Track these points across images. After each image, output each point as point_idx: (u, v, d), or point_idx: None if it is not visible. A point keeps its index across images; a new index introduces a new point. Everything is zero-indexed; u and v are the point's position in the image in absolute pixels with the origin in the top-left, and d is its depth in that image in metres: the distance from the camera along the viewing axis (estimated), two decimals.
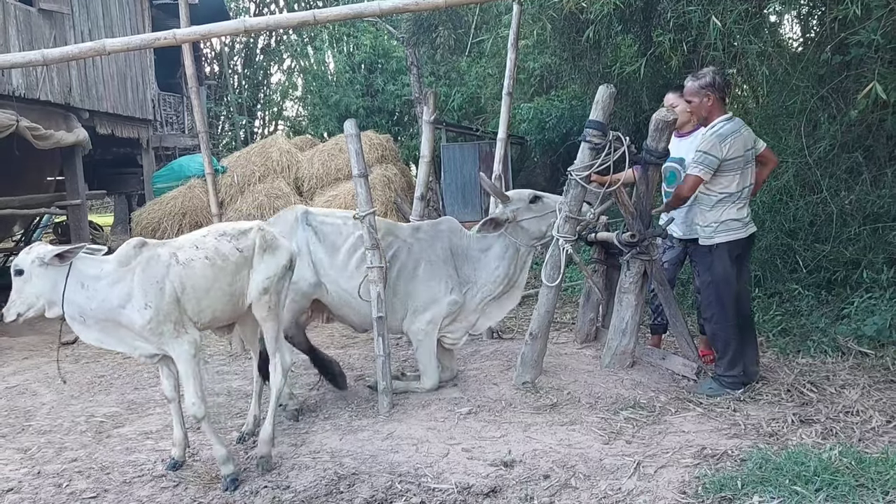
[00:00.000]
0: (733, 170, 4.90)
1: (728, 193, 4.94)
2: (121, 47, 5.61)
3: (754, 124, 8.06)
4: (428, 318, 5.33)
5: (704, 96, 4.96)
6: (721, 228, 4.99)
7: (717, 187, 4.95)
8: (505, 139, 6.99)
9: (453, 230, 5.54)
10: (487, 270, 5.38)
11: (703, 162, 4.87)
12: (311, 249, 5.24)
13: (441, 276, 5.35)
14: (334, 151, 10.88)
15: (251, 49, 25.67)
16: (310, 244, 5.24)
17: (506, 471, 3.96)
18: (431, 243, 5.43)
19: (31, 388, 6.36)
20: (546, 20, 7.63)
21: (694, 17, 6.39)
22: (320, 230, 5.30)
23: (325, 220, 5.36)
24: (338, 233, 5.29)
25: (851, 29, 6.06)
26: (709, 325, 5.26)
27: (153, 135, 15.25)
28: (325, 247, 5.26)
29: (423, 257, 5.37)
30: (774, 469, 3.61)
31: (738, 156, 4.88)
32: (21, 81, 10.59)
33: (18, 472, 4.37)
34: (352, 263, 5.22)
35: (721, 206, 4.97)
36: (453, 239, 5.48)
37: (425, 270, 5.35)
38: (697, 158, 4.91)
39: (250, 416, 4.84)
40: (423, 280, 5.34)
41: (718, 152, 4.84)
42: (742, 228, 5.01)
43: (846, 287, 6.45)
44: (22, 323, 4.10)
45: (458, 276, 5.40)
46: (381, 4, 5.76)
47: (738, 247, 5.04)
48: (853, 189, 6.78)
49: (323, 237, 5.28)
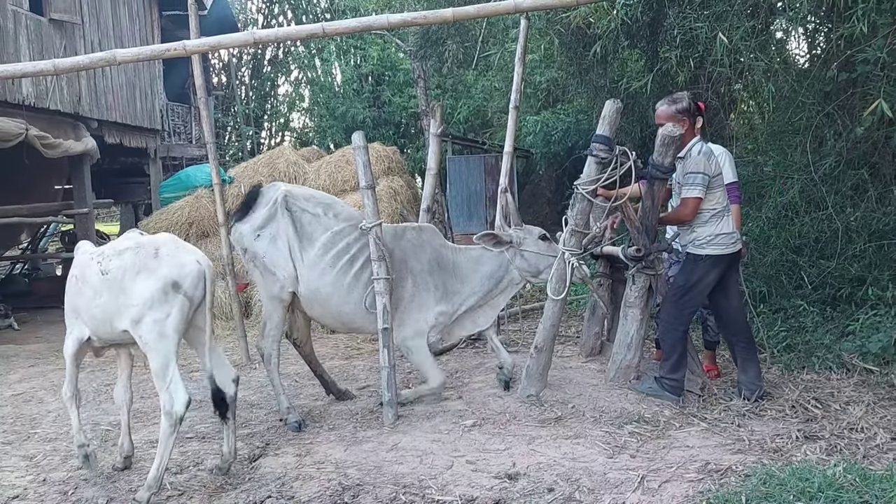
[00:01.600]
0: (719, 186, 5.07)
1: (717, 210, 5.07)
2: (131, 58, 5.67)
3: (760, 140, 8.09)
4: (415, 330, 5.33)
5: (680, 121, 5.04)
6: (713, 242, 5.08)
7: (707, 204, 5.06)
8: (511, 152, 7.01)
9: (436, 238, 5.59)
10: (472, 283, 5.44)
11: (697, 182, 4.98)
12: (287, 239, 5.12)
13: (429, 286, 5.37)
14: (341, 163, 10.91)
15: (259, 60, 25.78)
16: (288, 232, 5.12)
17: (510, 483, 3.96)
18: (416, 252, 5.40)
19: (37, 396, 6.39)
20: (553, 35, 7.68)
21: (701, 34, 6.43)
22: (298, 218, 5.16)
23: (306, 208, 5.19)
24: (317, 223, 5.17)
25: (858, 46, 6.09)
26: (661, 323, 5.39)
27: (161, 144, 15.33)
28: (301, 237, 5.13)
29: (408, 266, 5.35)
30: (779, 485, 3.61)
31: (720, 172, 5.08)
32: (31, 90, 10.67)
33: (24, 479, 4.39)
34: (326, 259, 5.10)
35: (714, 220, 5.07)
36: (438, 248, 5.50)
37: (412, 281, 5.34)
38: (691, 180, 5.01)
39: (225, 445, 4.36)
40: (409, 290, 5.33)
41: (707, 169, 4.98)
42: (732, 244, 5.11)
43: (851, 304, 6.45)
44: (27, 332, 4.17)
45: (445, 286, 5.42)
46: (389, 18, 5.82)
47: (724, 262, 5.11)
48: (859, 206, 6.78)
49: (300, 226, 5.14)
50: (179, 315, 3.97)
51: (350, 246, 5.17)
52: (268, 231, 5.14)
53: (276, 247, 5.12)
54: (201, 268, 4.04)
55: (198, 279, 4.01)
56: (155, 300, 3.93)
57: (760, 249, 7.20)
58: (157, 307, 3.94)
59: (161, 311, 3.94)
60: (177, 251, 4.09)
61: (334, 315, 5.25)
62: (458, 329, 5.63)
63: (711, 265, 5.09)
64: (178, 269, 3.99)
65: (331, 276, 5.11)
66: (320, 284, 5.12)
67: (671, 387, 5.15)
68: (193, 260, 4.04)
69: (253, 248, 5.17)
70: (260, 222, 5.16)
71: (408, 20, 5.98)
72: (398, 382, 5.31)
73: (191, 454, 4.64)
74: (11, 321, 10.73)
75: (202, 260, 4.09)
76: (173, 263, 4.00)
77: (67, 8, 11.77)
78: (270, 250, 5.12)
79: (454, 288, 5.43)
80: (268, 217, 5.16)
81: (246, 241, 5.19)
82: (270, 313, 5.25)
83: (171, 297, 3.95)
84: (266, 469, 4.32)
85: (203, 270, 4.05)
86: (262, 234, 5.14)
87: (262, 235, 5.13)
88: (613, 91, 8.49)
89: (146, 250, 4.05)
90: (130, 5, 14.04)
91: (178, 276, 3.96)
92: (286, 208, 5.15)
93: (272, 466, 4.36)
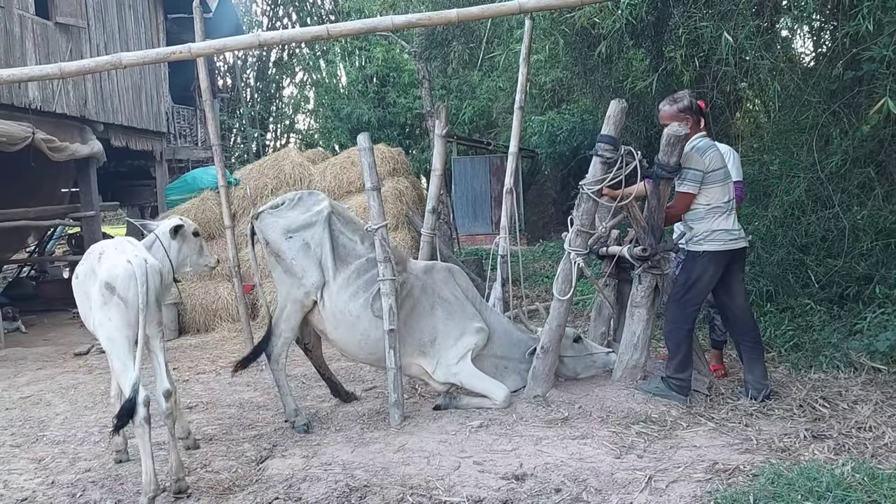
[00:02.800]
0: (717, 181, 5.03)
1: (714, 206, 5.05)
2: (137, 61, 5.67)
3: (766, 139, 8.07)
4: (457, 355, 5.29)
5: (683, 119, 5.04)
6: (710, 237, 5.07)
7: (702, 200, 5.06)
8: (516, 153, 7.01)
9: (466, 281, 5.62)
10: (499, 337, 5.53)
11: (689, 178, 5.00)
12: (322, 252, 5.15)
13: (458, 312, 5.39)
14: (346, 164, 10.92)
15: (264, 62, 25.85)
16: (323, 246, 5.15)
17: (517, 484, 3.96)
18: (447, 284, 5.47)
19: (46, 399, 6.41)
20: (558, 35, 7.68)
21: (706, 33, 6.42)
22: (336, 238, 5.21)
23: (344, 231, 5.26)
24: (352, 248, 5.23)
25: (863, 44, 6.07)
26: (666, 322, 5.38)
27: (166, 147, 15.38)
28: (336, 257, 5.17)
29: (439, 295, 5.40)
30: (787, 484, 3.60)
31: (719, 167, 5.04)
32: (37, 94, 10.72)
33: (33, 481, 4.41)
34: (359, 283, 5.15)
35: (711, 216, 5.06)
36: (463, 284, 5.55)
37: (443, 310, 5.37)
38: (684, 175, 5.02)
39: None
40: (441, 319, 5.34)
41: (701, 165, 4.98)
42: (731, 240, 5.08)
43: (859, 302, 6.43)
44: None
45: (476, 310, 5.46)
46: (394, 19, 5.81)
47: (724, 258, 5.09)
48: (865, 204, 6.76)
49: (337, 245, 5.20)
50: (118, 317, 3.98)
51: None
52: (301, 236, 5.13)
53: (308, 254, 5.12)
54: (131, 268, 3.99)
55: (128, 280, 3.97)
56: (99, 303, 4.00)
57: (767, 248, 7.19)
58: (101, 309, 4.01)
59: (104, 314, 4.01)
60: (114, 253, 4.09)
61: (360, 338, 5.18)
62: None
63: (709, 261, 5.07)
64: (110, 270, 4.01)
65: (362, 299, 5.13)
66: (352, 306, 5.12)
67: (678, 386, 5.15)
68: (124, 260, 4.02)
69: (279, 245, 5.14)
70: (296, 225, 5.15)
71: (412, 21, 5.98)
72: (404, 384, 5.31)
73: (198, 456, 4.65)
74: (19, 324, 10.77)
75: (134, 260, 4.03)
76: (107, 265, 4.03)
77: (73, 12, 11.81)
78: (301, 256, 5.11)
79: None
80: (305, 224, 5.15)
81: (273, 234, 5.15)
82: (288, 315, 5.21)
83: (107, 298, 3.98)
84: (273, 470, 4.33)
85: (132, 270, 3.98)
86: (295, 237, 5.13)
87: (294, 238, 5.13)
88: (618, 91, 8.49)
89: (94, 254, 4.15)
90: (136, 9, 14.09)
91: (110, 276, 3.99)
92: (328, 225, 5.18)
93: (279, 468, 4.37)
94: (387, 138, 19.28)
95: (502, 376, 5.46)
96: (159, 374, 4.13)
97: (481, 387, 5.26)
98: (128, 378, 3.94)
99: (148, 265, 4.06)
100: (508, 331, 5.62)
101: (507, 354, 5.53)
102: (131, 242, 4.31)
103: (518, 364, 5.53)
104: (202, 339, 8.98)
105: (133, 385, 3.90)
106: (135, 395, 3.88)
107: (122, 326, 3.97)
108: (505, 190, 6.86)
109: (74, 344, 9.09)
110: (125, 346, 3.98)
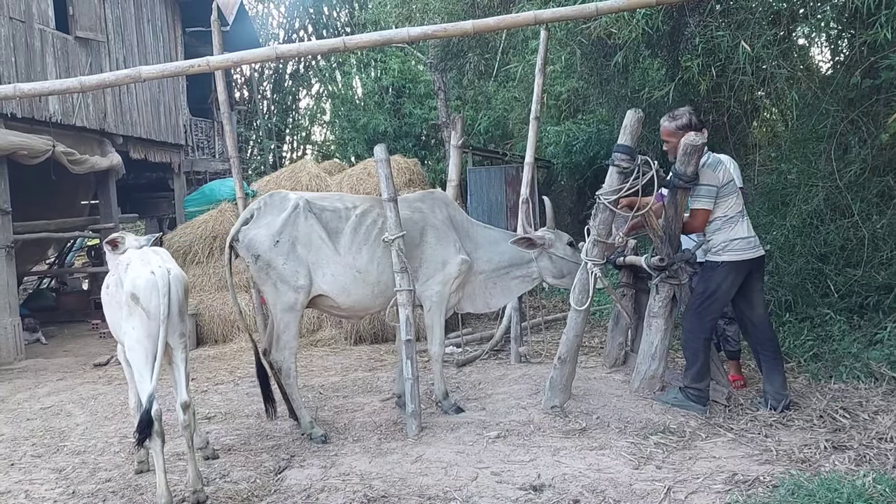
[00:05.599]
0: (729, 194, 5.08)
1: (729, 217, 5.07)
2: (156, 74, 5.73)
3: (784, 148, 8.03)
4: (441, 280, 5.44)
5: (681, 136, 5.04)
6: (729, 247, 5.07)
7: (719, 212, 5.08)
8: (532, 163, 7.01)
9: (448, 202, 5.74)
10: (487, 252, 5.64)
11: (703, 194, 5.03)
12: (311, 239, 5.17)
13: (448, 239, 5.48)
14: (363, 176, 10.95)
15: (280, 75, 26.00)
16: (312, 233, 5.17)
17: (535, 495, 3.95)
18: (431, 211, 5.55)
19: (66, 409, 6.46)
20: (574, 45, 7.67)
21: (722, 42, 6.41)
22: (322, 217, 5.25)
23: (326, 207, 5.31)
24: (337, 217, 5.27)
25: (881, 53, 6.04)
26: (683, 332, 5.36)
27: (185, 159, 15.51)
28: (330, 233, 5.21)
29: (426, 223, 5.47)
30: (807, 496, 3.57)
31: (730, 180, 5.10)
32: (57, 108, 10.85)
33: (54, 491, 4.44)
34: (357, 239, 5.24)
35: (727, 226, 5.08)
36: (451, 211, 5.65)
37: (432, 236, 5.45)
38: (698, 192, 5.05)
39: None
40: (431, 245, 5.44)
41: (714, 180, 5.02)
42: (749, 249, 5.08)
43: (879, 312, 6.37)
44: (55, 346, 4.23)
45: (460, 242, 5.54)
46: (409, 31, 5.85)
47: (744, 267, 5.08)
48: (885, 213, 6.70)
49: (326, 224, 5.23)
50: (141, 327, 4.01)
51: (376, 221, 5.31)
52: (287, 236, 5.13)
53: (296, 253, 5.13)
54: (154, 279, 4.02)
55: (150, 290, 4.00)
56: (125, 313, 4.05)
57: (786, 258, 7.14)
58: (126, 319, 4.05)
59: (129, 323, 4.05)
60: (139, 263, 4.12)
61: (372, 287, 5.26)
62: (470, 304, 5.78)
63: (728, 271, 5.07)
64: (134, 280, 4.04)
65: (365, 249, 5.22)
66: (358, 263, 5.21)
67: (696, 397, 5.12)
68: (148, 271, 4.05)
69: (269, 255, 5.10)
70: (279, 227, 5.14)
71: (428, 33, 6.01)
72: (421, 394, 5.31)
73: (217, 466, 4.67)
74: (39, 335, 10.87)
75: (157, 271, 4.06)
76: (132, 275, 4.06)
77: (93, 26, 11.97)
78: (290, 258, 5.11)
79: (468, 248, 5.58)
80: (287, 222, 5.16)
81: (262, 247, 5.12)
82: (287, 324, 5.18)
83: (133, 309, 4.02)
84: (292, 481, 4.34)
85: (155, 281, 4.02)
86: (282, 239, 5.12)
87: (281, 241, 5.12)
88: (635, 100, 8.47)
89: (122, 265, 4.17)
90: (154, 22, 14.25)
91: (134, 287, 4.02)
92: (310, 211, 5.21)
93: (298, 478, 4.37)
94: (402, 149, 19.31)
95: (491, 293, 5.69)
96: (179, 385, 4.15)
97: (431, 330, 5.49)
98: (144, 390, 3.97)
99: (171, 276, 4.09)
100: (494, 243, 5.69)
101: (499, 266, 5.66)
102: (157, 253, 4.33)
103: (517, 270, 5.66)
104: (220, 349, 9.02)
105: (148, 397, 3.92)
106: (149, 407, 3.89)
107: (142, 337, 4.01)
108: (521, 200, 6.86)
109: (94, 355, 9.16)
110: (144, 357, 4.01)
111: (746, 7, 6.71)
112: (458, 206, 5.89)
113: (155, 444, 3.92)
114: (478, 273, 5.63)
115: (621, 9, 6.00)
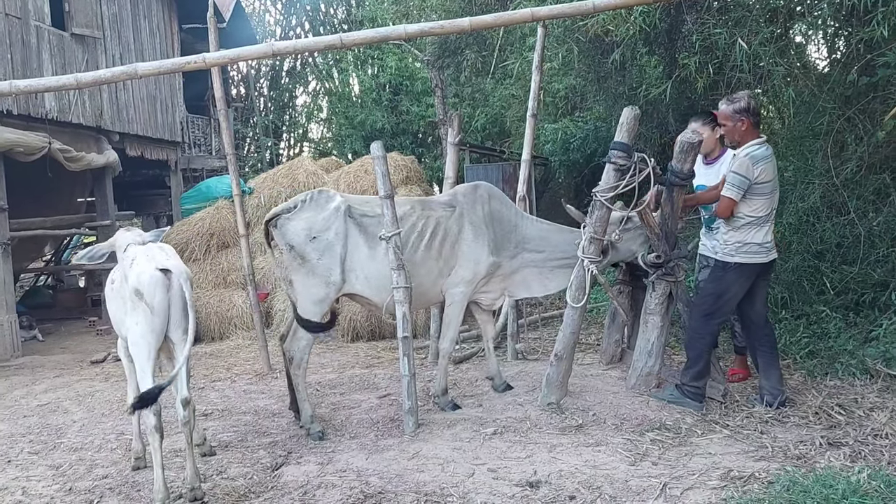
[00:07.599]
0: (763, 194, 4.94)
1: (755, 217, 4.97)
2: (152, 71, 5.72)
3: (780, 145, 8.04)
4: (469, 279, 5.49)
5: (738, 121, 4.97)
6: (742, 250, 5.02)
7: (745, 209, 4.97)
8: (529, 160, 7.02)
9: (493, 195, 5.70)
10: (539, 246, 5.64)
11: (735, 183, 4.91)
12: (348, 242, 5.20)
13: (484, 238, 5.48)
14: (360, 173, 10.93)
15: (277, 72, 25.95)
16: (349, 237, 5.20)
17: (531, 491, 3.96)
18: (472, 207, 5.56)
19: (63, 406, 6.46)
20: (572, 42, 7.67)
21: (720, 40, 6.41)
22: (362, 223, 5.26)
23: (367, 213, 5.31)
24: (377, 223, 5.21)
25: (878, 50, 6.05)
26: (688, 331, 5.35)
27: (181, 156, 15.48)
28: (367, 237, 5.23)
29: (465, 220, 5.50)
30: (802, 492, 3.58)
31: (768, 180, 4.93)
32: (54, 104, 10.82)
33: (50, 488, 4.44)
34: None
35: (747, 228, 5.00)
36: (494, 205, 5.63)
37: (470, 232, 5.48)
38: (730, 180, 4.94)
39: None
40: (468, 242, 5.47)
41: (750, 174, 4.87)
42: (763, 253, 5.04)
43: (874, 309, 6.38)
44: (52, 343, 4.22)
45: (497, 239, 5.53)
46: (406, 28, 5.84)
47: (754, 271, 5.05)
48: (881, 210, 6.71)
49: (364, 229, 5.25)
50: (144, 322, 4.02)
51: (415, 224, 5.37)
52: (325, 236, 5.15)
53: (333, 253, 5.15)
54: (158, 275, 4.04)
55: (154, 287, 4.02)
56: (129, 308, 4.06)
57: (782, 255, 7.14)
58: (130, 314, 4.07)
59: (132, 319, 4.06)
60: (144, 259, 4.13)
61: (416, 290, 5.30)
62: (525, 290, 5.80)
63: (739, 274, 5.04)
64: (139, 276, 4.05)
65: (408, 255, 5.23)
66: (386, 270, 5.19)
67: (693, 394, 5.13)
68: (153, 267, 4.06)
69: (304, 248, 5.14)
70: (319, 226, 5.17)
71: (425, 30, 6.01)
72: (418, 391, 5.31)
73: (214, 463, 4.67)
74: (36, 333, 10.85)
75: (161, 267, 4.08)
76: (136, 271, 4.08)
77: (89, 23, 11.94)
78: (326, 256, 5.14)
79: (516, 240, 5.61)
80: (326, 222, 5.18)
81: (297, 238, 5.16)
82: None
83: (136, 304, 4.03)
84: (289, 477, 4.35)
85: (159, 277, 4.04)
86: (320, 237, 5.15)
87: (318, 239, 5.15)
88: (632, 98, 8.47)
89: (127, 261, 4.18)
90: (150, 19, 14.21)
91: (138, 283, 4.03)
92: (349, 216, 5.24)
93: (295, 475, 4.38)
94: (400, 146, 19.29)
95: (548, 277, 5.67)
96: (180, 382, 4.14)
97: (448, 324, 5.60)
98: (145, 386, 3.98)
99: (175, 272, 4.10)
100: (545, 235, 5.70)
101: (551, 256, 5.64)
102: (162, 249, 4.34)
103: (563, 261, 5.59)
104: (217, 346, 9.01)
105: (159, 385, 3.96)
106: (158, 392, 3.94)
107: (146, 332, 4.03)
108: (518, 197, 6.87)
109: (91, 352, 9.15)
110: (147, 353, 4.02)
111: (743, 4, 6.71)
112: (505, 198, 5.86)
113: (154, 439, 3.93)
114: (528, 264, 5.65)
115: (618, 6, 6.01)
